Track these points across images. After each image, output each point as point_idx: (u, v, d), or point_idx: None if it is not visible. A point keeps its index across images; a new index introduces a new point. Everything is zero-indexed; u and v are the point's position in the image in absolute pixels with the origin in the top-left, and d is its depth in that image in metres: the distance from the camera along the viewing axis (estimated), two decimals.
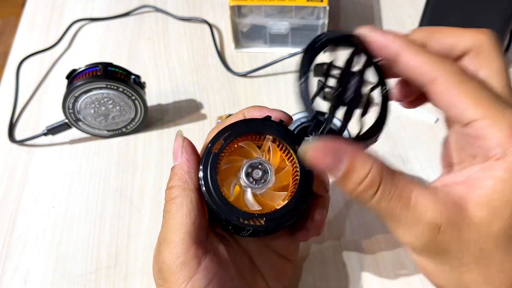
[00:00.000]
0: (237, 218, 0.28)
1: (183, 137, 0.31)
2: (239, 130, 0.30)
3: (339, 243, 0.42)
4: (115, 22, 0.65)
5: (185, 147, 0.30)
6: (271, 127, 0.30)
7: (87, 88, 0.46)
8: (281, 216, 0.29)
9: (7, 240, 0.44)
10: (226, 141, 0.30)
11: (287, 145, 0.30)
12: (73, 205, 0.46)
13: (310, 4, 0.53)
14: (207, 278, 0.28)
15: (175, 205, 0.29)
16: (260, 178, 0.30)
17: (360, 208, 0.45)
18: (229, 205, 0.28)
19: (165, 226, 0.29)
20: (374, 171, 0.23)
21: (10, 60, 0.60)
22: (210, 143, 0.30)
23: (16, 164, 0.50)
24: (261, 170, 0.30)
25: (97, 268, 0.42)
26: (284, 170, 0.31)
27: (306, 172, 0.30)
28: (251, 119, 0.31)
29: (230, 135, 0.30)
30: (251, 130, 0.30)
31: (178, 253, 0.28)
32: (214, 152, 0.29)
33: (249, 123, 0.31)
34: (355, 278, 0.40)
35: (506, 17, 0.49)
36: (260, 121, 0.31)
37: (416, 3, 0.64)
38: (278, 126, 0.31)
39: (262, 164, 0.31)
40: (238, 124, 0.30)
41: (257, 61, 0.58)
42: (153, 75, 0.58)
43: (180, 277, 0.27)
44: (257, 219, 0.28)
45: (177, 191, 0.29)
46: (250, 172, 0.30)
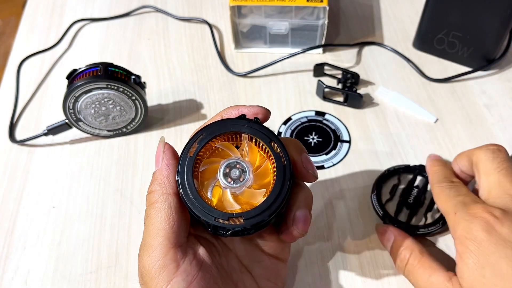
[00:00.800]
0: (215, 219, 0.28)
1: (164, 142, 0.32)
2: (213, 131, 0.30)
3: (338, 243, 0.43)
4: (116, 22, 0.65)
5: (165, 152, 0.31)
6: (245, 126, 0.30)
7: (87, 88, 0.46)
8: (260, 213, 0.28)
9: (7, 240, 0.44)
10: (201, 144, 0.30)
11: (262, 142, 0.30)
12: (74, 205, 0.46)
13: (310, 5, 0.53)
14: (186, 281, 0.28)
15: (154, 210, 0.29)
16: (238, 177, 0.30)
17: (359, 209, 0.45)
18: (206, 206, 0.28)
19: (145, 231, 0.30)
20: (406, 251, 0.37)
21: (11, 60, 0.60)
22: (185, 146, 0.30)
23: (17, 164, 0.50)
24: (238, 170, 0.30)
25: (97, 268, 0.42)
26: (262, 167, 0.31)
27: (284, 167, 0.30)
28: (225, 120, 0.31)
29: (204, 137, 0.30)
30: (225, 130, 0.30)
31: (157, 257, 0.28)
32: (190, 156, 0.30)
33: (223, 124, 0.31)
34: (354, 278, 0.40)
35: (506, 17, 0.49)
36: (233, 121, 0.31)
37: (416, 3, 0.64)
38: (252, 123, 0.31)
39: (239, 163, 0.30)
40: (212, 126, 0.31)
41: (257, 61, 0.59)
42: (153, 75, 0.58)
43: (159, 281, 0.28)
44: (236, 218, 0.28)
45: (156, 196, 0.30)
46: (228, 172, 0.30)
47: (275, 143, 0.30)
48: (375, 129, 0.51)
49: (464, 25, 0.52)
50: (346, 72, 0.54)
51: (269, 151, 0.30)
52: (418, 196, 0.44)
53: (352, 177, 0.47)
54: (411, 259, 0.36)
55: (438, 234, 0.42)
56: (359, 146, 0.50)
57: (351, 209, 0.45)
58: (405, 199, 0.44)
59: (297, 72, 0.57)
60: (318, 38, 0.57)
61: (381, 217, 0.43)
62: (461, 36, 0.53)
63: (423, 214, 0.43)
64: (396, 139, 0.50)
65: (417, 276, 0.35)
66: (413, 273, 0.35)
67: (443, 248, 0.42)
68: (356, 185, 0.47)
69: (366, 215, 0.44)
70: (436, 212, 0.44)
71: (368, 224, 0.44)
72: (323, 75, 0.56)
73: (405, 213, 0.44)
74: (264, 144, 0.30)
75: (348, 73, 0.54)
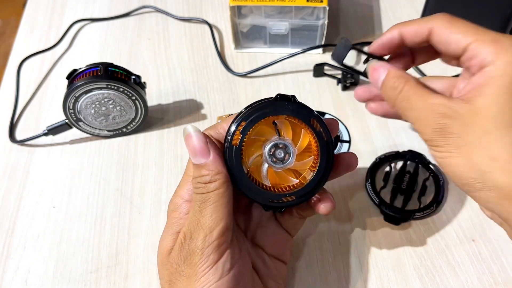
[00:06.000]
0: (270, 201, 0.32)
1: (204, 133, 0.31)
2: (254, 118, 0.31)
3: (339, 243, 0.43)
4: (116, 23, 0.65)
5: (210, 143, 0.31)
6: (284, 108, 0.31)
7: (87, 88, 0.46)
8: (310, 191, 0.32)
9: (8, 240, 0.44)
10: (244, 133, 0.31)
11: (302, 121, 0.31)
12: (74, 205, 0.46)
13: (310, 5, 0.53)
14: (230, 263, 0.30)
15: (216, 195, 0.30)
16: (282, 159, 0.32)
17: (360, 209, 0.45)
18: (261, 191, 0.31)
19: (201, 214, 0.30)
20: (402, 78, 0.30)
21: (11, 60, 0.60)
22: (227, 135, 0.31)
23: (17, 164, 0.50)
24: (283, 151, 0.32)
25: (97, 267, 0.42)
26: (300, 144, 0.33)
27: (326, 143, 0.31)
28: (264, 103, 0.32)
29: (246, 126, 0.31)
30: (266, 115, 0.31)
31: (214, 237, 0.30)
32: (236, 146, 0.31)
33: (262, 108, 0.31)
34: (355, 278, 0.40)
35: (506, 17, 0.49)
36: (272, 104, 0.31)
37: (416, 3, 0.64)
38: (291, 104, 0.31)
39: (287, 146, 0.32)
40: (251, 111, 0.31)
41: (257, 61, 0.59)
42: (153, 75, 0.58)
43: (208, 260, 0.30)
44: (289, 196, 0.32)
45: (217, 184, 0.30)
46: (273, 152, 0.32)
47: (315, 120, 0.31)
48: (375, 129, 0.51)
49: None
50: (346, 72, 0.54)
51: (310, 128, 0.31)
52: (410, 181, 0.46)
53: (352, 176, 0.47)
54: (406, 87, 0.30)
55: (434, 215, 0.44)
56: (359, 146, 0.50)
57: (351, 209, 0.45)
58: (399, 185, 0.45)
59: (297, 72, 0.57)
60: (318, 38, 0.57)
61: (377, 205, 0.44)
62: None
63: (417, 198, 0.45)
64: (396, 139, 0.50)
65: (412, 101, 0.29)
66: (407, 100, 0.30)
67: (439, 228, 0.43)
68: (356, 185, 0.47)
69: (364, 212, 0.44)
70: (429, 195, 0.45)
71: (368, 224, 0.44)
72: (323, 75, 0.56)
73: (399, 199, 0.45)
74: (305, 124, 0.31)
75: (348, 73, 0.54)
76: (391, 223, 0.43)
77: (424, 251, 0.42)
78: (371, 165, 0.47)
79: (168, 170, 0.49)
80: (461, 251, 0.41)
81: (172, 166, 0.49)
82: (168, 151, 0.50)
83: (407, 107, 0.30)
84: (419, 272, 0.40)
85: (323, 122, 0.31)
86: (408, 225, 0.43)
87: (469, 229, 0.43)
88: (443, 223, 0.43)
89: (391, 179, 0.46)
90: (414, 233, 0.43)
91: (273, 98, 0.31)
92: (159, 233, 0.44)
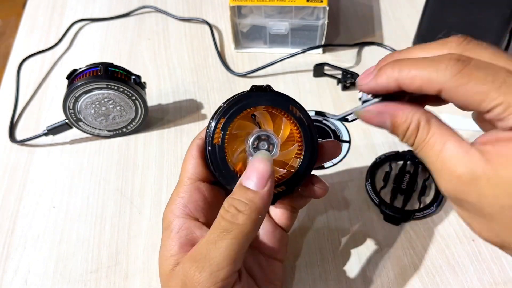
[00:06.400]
0: None
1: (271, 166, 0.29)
2: (231, 114, 0.30)
3: (339, 243, 0.43)
4: (116, 23, 0.65)
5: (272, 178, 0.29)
6: (260, 98, 0.31)
7: (87, 88, 0.46)
8: (299, 179, 0.32)
9: (8, 240, 0.44)
10: (224, 130, 0.30)
11: (281, 108, 0.31)
12: (74, 205, 0.46)
13: (310, 5, 0.53)
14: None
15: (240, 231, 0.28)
16: (267, 151, 0.32)
17: (360, 209, 0.45)
18: None
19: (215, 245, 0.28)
20: (412, 125, 0.27)
21: (11, 61, 0.60)
22: (207, 136, 0.31)
23: (17, 164, 0.50)
24: (267, 143, 0.32)
25: (97, 267, 0.42)
26: (282, 132, 0.32)
27: (309, 128, 0.31)
28: (239, 97, 0.31)
29: (226, 122, 0.30)
30: (243, 109, 0.31)
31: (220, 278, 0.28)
32: (218, 144, 0.30)
33: (238, 102, 0.31)
34: (354, 278, 0.40)
35: (506, 17, 0.49)
36: (247, 96, 0.31)
37: (416, 3, 0.64)
38: (267, 94, 0.31)
39: (270, 137, 0.32)
40: (228, 107, 0.31)
41: (257, 62, 0.59)
42: (153, 75, 0.58)
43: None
44: (280, 187, 0.32)
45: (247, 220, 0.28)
46: (257, 145, 0.32)
47: (293, 107, 0.31)
48: (375, 129, 0.51)
49: (464, 25, 0.52)
50: (346, 72, 0.54)
51: (291, 118, 0.31)
52: (410, 181, 0.46)
53: (352, 176, 0.47)
54: (419, 133, 0.27)
55: (434, 215, 0.44)
56: (359, 146, 0.50)
57: (351, 209, 0.45)
58: (398, 185, 0.45)
59: (297, 72, 0.57)
60: (318, 38, 0.57)
61: (377, 205, 0.44)
62: None
63: (417, 198, 0.45)
64: (396, 139, 0.50)
65: (426, 152, 0.27)
66: (423, 150, 0.27)
67: (439, 228, 0.43)
68: (356, 185, 0.47)
69: (364, 211, 0.44)
70: (429, 195, 0.45)
71: (368, 224, 0.44)
72: (323, 75, 0.56)
73: (399, 199, 0.45)
74: (285, 112, 0.31)
75: (348, 73, 0.54)
76: (391, 223, 0.43)
77: (424, 251, 0.42)
78: (371, 165, 0.47)
79: (168, 170, 0.49)
80: (461, 251, 0.41)
81: (172, 166, 0.49)
82: (168, 151, 0.50)
83: (424, 159, 0.27)
84: (419, 272, 0.40)
85: (302, 107, 0.31)
86: (408, 225, 0.43)
87: (469, 229, 0.42)
88: (443, 223, 0.43)
89: (391, 179, 0.46)
90: (414, 233, 0.43)
91: (248, 90, 0.31)
92: (159, 233, 0.44)
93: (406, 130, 0.27)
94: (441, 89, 0.25)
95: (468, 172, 0.24)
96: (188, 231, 0.30)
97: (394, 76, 0.26)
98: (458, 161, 0.25)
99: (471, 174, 0.24)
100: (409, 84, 0.26)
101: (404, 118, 0.27)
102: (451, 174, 0.25)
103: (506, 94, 0.23)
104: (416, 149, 0.27)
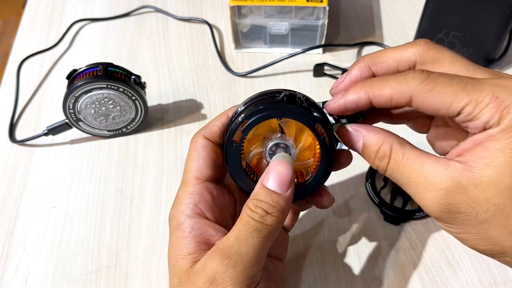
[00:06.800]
0: None
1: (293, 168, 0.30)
2: (257, 118, 0.30)
3: (339, 243, 0.43)
4: (116, 23, 0.65)
5: (293, 180, 0.30)
6: (288, 110, 0.30)
7: (87, 88, 0.46)
8: (310, 193, 0.33)
9: (7, 240, 0.44)
10: (245, 132, 0.30)
11: (306, 125, 0.30)
12: (74, 205, 0.46)
13: (310, 5, 0.53)
14: None
15: (270, 230, 0.29)
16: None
17: (360, 209, 0.45)
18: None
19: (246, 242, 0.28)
20: (384, 146, 0.27)
21: (11, 60, 0.60)
22: (229, 133, 0.31)
23: (17, 164, 0.50)
24: (284, 151, 0.32)
25: (97, 267, 0.42)
26: (302, 144, 0.32)
27: (329, 148, 0.31)
28: (269, 104, 0.30)
29: (249, 125, 0.30)
30: (269, 117, 0.30)
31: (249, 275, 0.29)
32: (236, 143, 0.30)
33: (264, 107, 0.30)
34: (355, 278, 0.40)
35: (506, 17, 0.49)
36: (276, 105, 0.30)
37: (416, 3, 0.64)
38: (296, 107, 0.30)
39: (288, 147, 0.32)
40: (254, 109, 0.30)
41: (257, 61, 0.59)
42: (153, 75, 0.58)
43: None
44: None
45: (275, 221, 0.29)
46: (274, 151, 0.32)
47: (320, 126, 0.30)
48: None
49: (464, 25, 0.52)
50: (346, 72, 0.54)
51: (313, 133, 0.31)
52: None
53: (352, 176, 0.47)
54: (392, 155, 0.27)
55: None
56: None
57: (351, 209, 0.45)
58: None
59: (297, 72, 0.57)
60: (318, 38, 0.57)
61: (377, 205, 0.44)
62: (461, 36, 0.53)
63: None
64: None
65: (405, 173, 0.27)
66: (400, 171, 0.27)
67: (439, 228, 0.42)
68: (356, 185, 0.47)
69: (365, 212, 0.44)
70: None
71: (368, 224, 0.44)
72: (323, 75, 0.56)
73: (399, 199, 0.45)
74: (309, 129, 0.30)
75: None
76: (391, 223, 0.43)
77: (424, 251, 0.42)
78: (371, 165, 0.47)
79: (168, 170, 0.49)
80: (461, 251, 0.41)
81: (172, 166, 0.49)
82: (168, 151, 0.50)
83: (402, 181, 0.27)
84: (419, 272, 0.40)
85: (329, 125, 0.31)
86: (408, 225, 0.43)
87: None
88: None
89: None
90: (414, 233, 0.43)
91: (280, 98, 0.30)
92: (159, 233, 0.44)
93: (377, 151, 0.28)
94: (411, 97, 0.26)
95: (454, 184, 0.24)
96: (201, 230, 0.30)
97: (364, 90, 0.27)
98: (442, 175, 0.25)
99: (457, 184, 0.24)
100: (379, 96, 0.27)
101: (376, 140, 0.28)
102: (437, 189, 0.25)
103: (472, 92, 0.24)
104: (392, 172, 0.27)
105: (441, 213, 0.25)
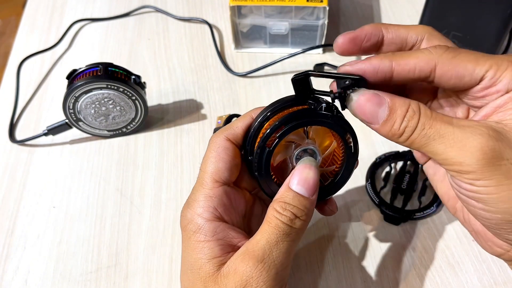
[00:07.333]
0: None
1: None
2: (293, 125, 0.30)
3: (339, 243, 0.43)
4: (116, 23, 0.65)
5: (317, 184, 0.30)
6: (323, 120, 0.30)
7: (87, 88, 0.46)
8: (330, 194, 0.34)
9: (7, 240, 0.44)
10: (280, 137, 0.30)
11: (337, 134, 0.31)
12: (74, 205, 0.46)
13: (310, 5, 0.53)
14: None
15: (297, 234, 0.30)
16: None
17: (360, 209, 0.45)
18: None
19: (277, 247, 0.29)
20: (413, 105, 0.27)
21: (11, 60, 0.60)
22: (264, 138, 0.30)
23: (17, 164, 0.50)
24: (309, 155, 0.32)
25: (97, 267, 0.42)
26: (327, 152, 0.33)
27: (352, 158, 0.32)
28: (305, 111, 0.30)
29: (285, 130, 0.30)
30: (304, 125, 0.30)
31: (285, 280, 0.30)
32: (269, 149, 0.30)
33: (304, 116, 0.30)
34: (355, 278, 0.40)
35: (506, 17, 0.49)
36: (312, 113, 0.30)
37: (416, 3, 0.64)
38: (332, 117, 0.30)
39: (315, 153, 0.32)
40: (291, 116, 0.30)
41: (257, 61, 0.59)
42: (153, 75, 0.58)
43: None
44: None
45: (302, 225, 0.29)
46: (300, 156, 0.32)
47: (349, 136, 0.31)
48: None
49: (464, 25, 0.52)
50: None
51: (342, 143, 0.31)
52: (410, 181, 0.46)
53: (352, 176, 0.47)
54: (422, 111, 0.26)
55: (434, 215, 0.44)
56: (359, 145, 0.49)
57: (351, 209, 0.45)
58: (399, 185, 0.46)
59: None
60: (318, 38, 0.57)
61: (377, 205, 0.44)
62: (461, 36, 0.53)
63: (417, 198, 0.45)
64: None
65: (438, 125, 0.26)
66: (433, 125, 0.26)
67: (439, 228, 0.43)
68: (356, 185, 0.47)
69: (364, 211, 0.44)
70: (429, 195, 0.45)
71: (368, 222, 0.44)
72: None
73: (399, 199, 0.45)
74: (340, 138, 0.31)
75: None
76: (391, 223, 0.43)
77: (424, 251, 0.42)
78: (371, 165, 0.47)
79: (168, 170, 0.49)
80: (461, 251, 0.41)
81: (172, 166, 0.49)
82: (168, 151, 0.50)
83: (435, 135, 0.25)
84: (419, 272, 0.40)
85: (355, 136, 0.31)
86: (408, 225, 0.43)
87: None
88: (443, 223, 0.43)
89: (391, 179, 0.46)
90: (414, 233, 0.43)
91: (319, 108, 0.30)
92: (159, 233, 0.44)
93: (406, 111, 0.26)
94: (436, 64, 0.26)
95: (494, 131, 0.24)
96: (224, 234, 0.30)
97: (388, 58, 0.27)
98: (479, 125, 0.25)
99: (498, 131, 0.24)
100: (404, 64, 0.27)
101: (403, 101, 0.27)
102: (479, 135, 0.24)
103: (491, 58, 0.26)
104: (422, 129, 0.26)
105: (484, 162, 0.24)
